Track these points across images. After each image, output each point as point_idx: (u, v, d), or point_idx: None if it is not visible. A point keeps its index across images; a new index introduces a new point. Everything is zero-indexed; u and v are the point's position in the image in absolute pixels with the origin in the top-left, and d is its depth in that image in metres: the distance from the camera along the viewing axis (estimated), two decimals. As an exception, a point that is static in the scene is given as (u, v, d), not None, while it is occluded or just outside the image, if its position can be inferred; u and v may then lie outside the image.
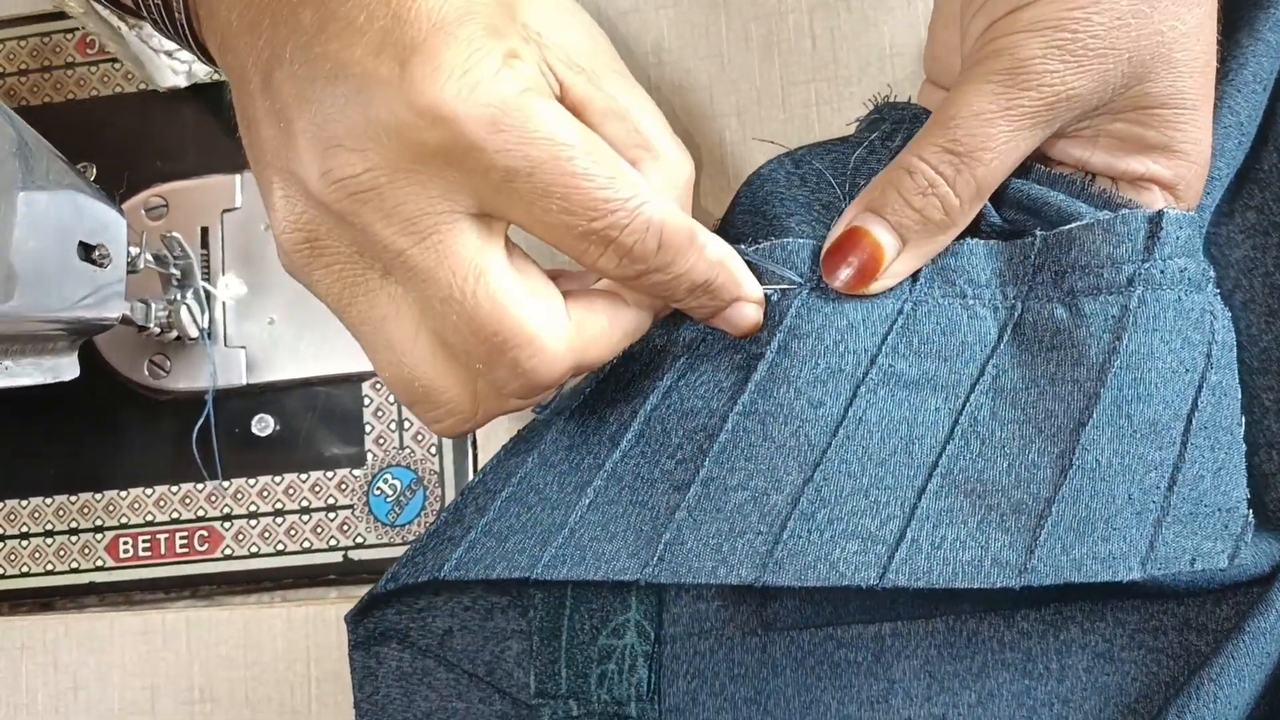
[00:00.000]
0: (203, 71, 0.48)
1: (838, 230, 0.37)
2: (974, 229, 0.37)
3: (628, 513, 0.36)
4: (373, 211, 0.30)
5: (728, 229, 0.41)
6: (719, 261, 0.34)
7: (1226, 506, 0.34)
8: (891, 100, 0.41)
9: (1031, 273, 0.36)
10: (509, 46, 0.30)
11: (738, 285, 0.35)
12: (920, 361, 0.36)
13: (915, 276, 0.37)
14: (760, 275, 0.36)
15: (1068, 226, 0.36)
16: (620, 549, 0.35)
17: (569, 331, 0.33)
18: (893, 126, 0.40)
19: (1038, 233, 0.36)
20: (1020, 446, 0.35)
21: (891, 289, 0.37)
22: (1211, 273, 0.36)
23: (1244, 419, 0.35)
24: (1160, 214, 0.35)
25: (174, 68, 0.48)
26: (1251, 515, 0.34)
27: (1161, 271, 0.35)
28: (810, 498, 0.34)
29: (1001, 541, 0.34)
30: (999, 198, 0.37)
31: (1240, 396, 0.36)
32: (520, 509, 0.37)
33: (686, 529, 0.35)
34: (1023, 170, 0.37)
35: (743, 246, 0.37)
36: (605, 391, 0.38)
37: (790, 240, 0.37)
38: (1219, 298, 0.36)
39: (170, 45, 0.47)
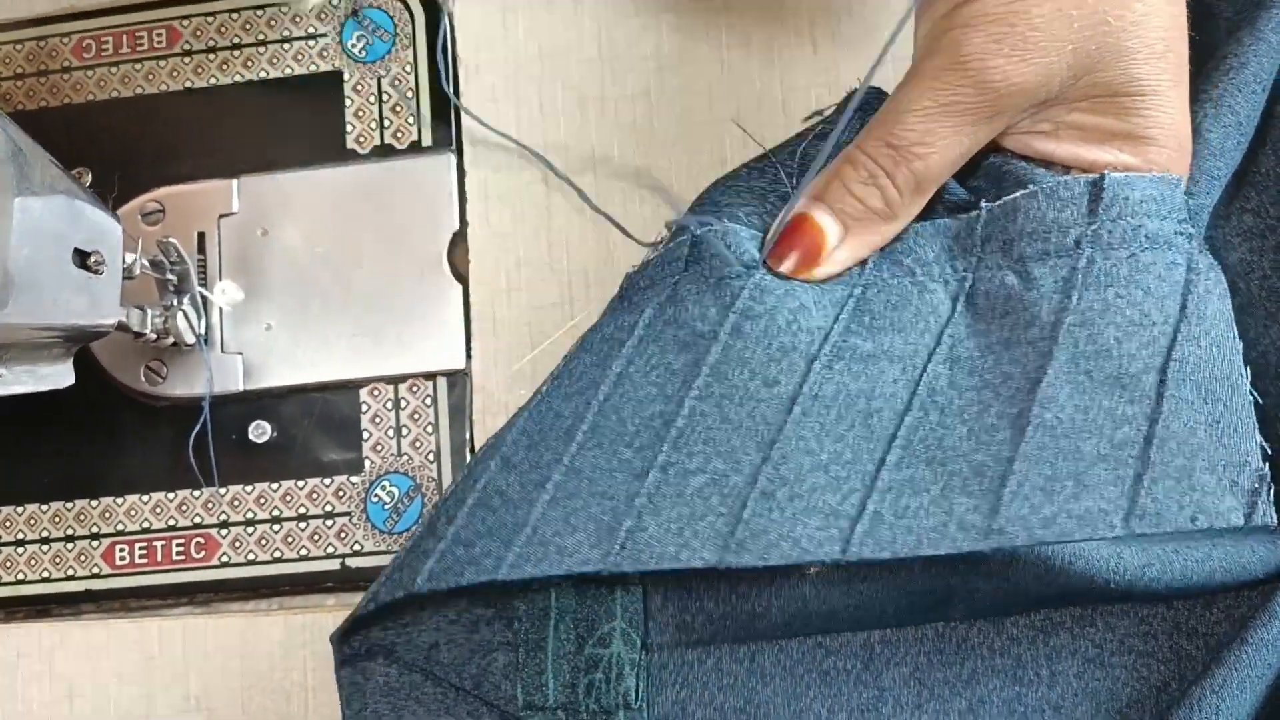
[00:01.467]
0: None
1: (784, 216, 0.37)
2: (933, 205, 0.37)
3: (588, 504, 0.36)
4: None
5: (687, 219, 0.41)
6: None
7: (1233, 461, 0.33)
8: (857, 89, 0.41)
9: (979, 244, 0.37)
10: None
11: None
12: (875, 335, 0.36)
13: (864, 262, 0.37)
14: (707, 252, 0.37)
15: (1011, 196, 0.36)
16: (582, 541, 0.35)
17: None
18: (838, 113, 0.40)
19: (982, 204, 0.37)
20: (978, 411, 0.35)
21: (839, 276, 0.37)
22: (1190, 229, 0.36)
23: (1249, 370, 0.34)
24: (1102, 177, 0.35)
25: None
26: (1268, 469, 0.33)
27: (1110, 232, 0.35)
28: (769, 476, 0.34)
29: (965, 505, 0.33)
30: (970, 166, 0.37)
31: (1240, 348, 0.35)
32: (485, 513, 0.37)
33: (647, 515, 0.35)
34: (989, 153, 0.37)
35: (693, 224, 0.37)
36: (561, 386, 0.38)
37: (740, 228, 0.37)
38: (1204, 253, 0.36)
39: None
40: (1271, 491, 0.33)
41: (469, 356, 0.47)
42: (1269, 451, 0.33)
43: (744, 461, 0.35)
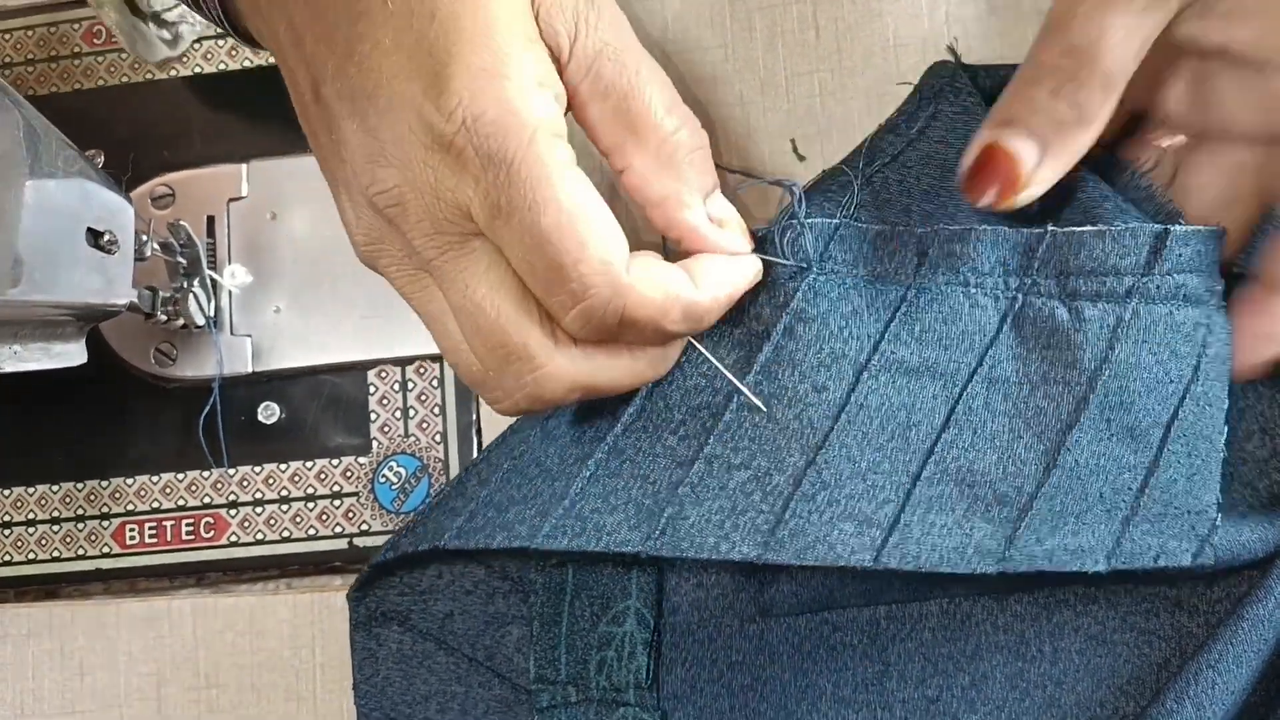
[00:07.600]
0: (189, 34, 0.49)
1: (972, 152, 0.36)
2: (1013, 219, 0.37)
3: (629, 486, 0.36)
4: (404, 223, 0.33)
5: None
6: (708, 309, 0.35)
7: (1196, 509, 0.35)
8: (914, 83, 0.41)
9: (1036, 266, 0.37)
10: (537, 72, 0.32)
11: (718, 299, 0.35)
12: (922, 349, 0.37)
13: (920, 262, 0.38)
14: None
15: (1079, 229, 0.36)
16: (621, 521, 0.36)
17: (574, 353, 0.34)
18: (928, 122, 0.40)
19: (1048, 227, 0.37)
20: (1009, 440, 0.36)
21: (898, 277, 0.37)
22: (1219, 285, 0.37)
23: (1226, 428, 0.36)
24: (1166, 231, 0.36)
25: (163, 37, 0.48)
26: (1220, 519, 0.35)
27: (1158, 287, 0.36)
28: (812, 480, 0.35)
29: (985, 531, 0.35)
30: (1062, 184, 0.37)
31: (1226, 405, 0.36)
32: (521, 480, 0.37)
33: (689, 504, 0.35)
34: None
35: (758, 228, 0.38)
36: None
37: (806, 220, 0.38)
38: (1222, 310, 0.37)
39: (159, 5, 0.48)
40: (1218, 535, 0.35)
41: (476, 339, 0.47)
42: (1222, 502, 0.35)
43: (788, 463, 0.36)
